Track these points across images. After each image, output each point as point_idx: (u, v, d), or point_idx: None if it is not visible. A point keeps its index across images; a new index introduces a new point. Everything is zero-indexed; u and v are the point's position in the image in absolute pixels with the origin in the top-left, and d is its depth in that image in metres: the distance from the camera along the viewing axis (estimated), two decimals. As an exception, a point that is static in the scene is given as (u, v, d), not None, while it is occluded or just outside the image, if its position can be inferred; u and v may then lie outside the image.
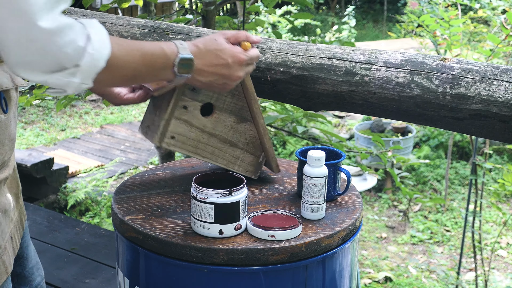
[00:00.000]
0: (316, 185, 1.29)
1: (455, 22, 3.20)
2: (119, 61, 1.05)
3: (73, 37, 0.96)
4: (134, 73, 1.10)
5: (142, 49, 1.10)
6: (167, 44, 1.14)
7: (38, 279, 1.46)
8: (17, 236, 1.29)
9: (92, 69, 1.01)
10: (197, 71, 1.18)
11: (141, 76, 1.13)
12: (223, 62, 1.20)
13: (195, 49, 1.17)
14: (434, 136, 6.84)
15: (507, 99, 1.31)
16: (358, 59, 1.51)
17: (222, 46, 1.20)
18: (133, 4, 6.95)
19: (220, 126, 1.41)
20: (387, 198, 5.90)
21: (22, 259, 1.40)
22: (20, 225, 1.32)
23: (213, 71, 1.19)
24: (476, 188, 3.77)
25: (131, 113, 8.00)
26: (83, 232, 3.32)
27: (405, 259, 4.88)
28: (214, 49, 1.19)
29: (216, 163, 1.43)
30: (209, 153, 1.42)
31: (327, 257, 1.25)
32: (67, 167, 5.39)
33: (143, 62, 1.10)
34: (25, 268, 1.41)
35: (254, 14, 2.92)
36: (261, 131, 1.44)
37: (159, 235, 1.22)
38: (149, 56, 1.11)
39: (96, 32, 1.01)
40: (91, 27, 1.01)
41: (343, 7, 13.42)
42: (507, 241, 5.17)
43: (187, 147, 1.39)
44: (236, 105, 1.42)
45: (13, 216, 1.26)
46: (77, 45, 0.97)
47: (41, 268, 1.49)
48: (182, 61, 1.14)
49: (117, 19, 1.87)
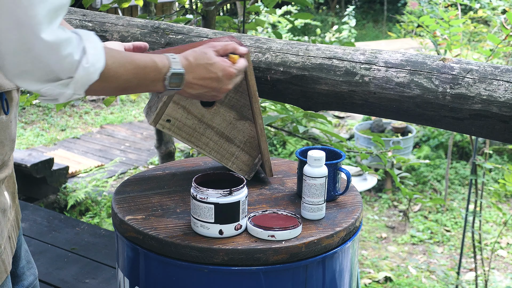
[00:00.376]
0: (316, 185, 1.29)
1: (455, 22, 3.20)
2: (112, 73, 1.08)
3: (70, 51, 0.99)
4: (126, 84, 1.12)
5: (135, 62, 1.12)
6: (160, 57, 1.16)
7: (31, 278, 1.46)
8: (14, 235, 1.29)
9: (85, 81, 1.03)
10: (187, 84, 1.20)
11: (132, 88, 1.15)
12: (213, 76, 1.22)
13: (186, 63, 1.19)
14: (434, 136, 6.84)
15: (507, 99, 1.31)
16: (358, 59, 1.51)
17: (212, 60, 1.21)
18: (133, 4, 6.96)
19: (218, 119, 1.42)
20: (387, 198, 5.90)
21: (16, 258, 1.40)
22: (16, 225, 1.33)
23: (203, 84, 1.21)
24: (476, 188, 3.76)
25: (131, 113, 8.00)
26: (83, 232, 3.32)
27: (405, 259, 4.88)
28: (205, 63, 1.21)
29: (209, 155, 1.44)
30: (203, 143, 1.42)
31: (327, 257, 1.25)
32: (67, 167, 5.39)
33: (135, 74, 1.12)
34: (17, 267, 1.42)
35: (254, 14, 2.92)
36: (259, 132, 1.44)
37: (159, 235, 1.22)
38: (142, 69, 1.13)
39: (92, 45, 1.03)
40: (87, 40, 1.03)
41: (343, 7, 13.42)
42: (507, 241, 5.17)
43: (181, 134, 1.40)
44: (238, 101, 1.42)
45: (10, 216, 1.27)
46: (73, 59, 0.99)
47: (34, 267, 1.49)
48: (173, 75, 1.16)
49: (117, 19, 1.87)
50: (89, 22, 1.87)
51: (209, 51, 1.23)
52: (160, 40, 1.76)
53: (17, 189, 1.35)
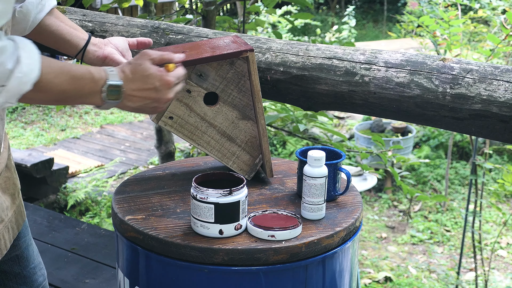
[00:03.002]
0: (316, 185, 1.29)
1: (455, 22, 3.20)
2: (47, 83, 1.06)
3: (3, 60, 0.98)
4: (62, 95, 1.11)
5: (71, 73, 1.10)
6: (97, 70, 1.15)
7: (40, 279, 1.46)
8: (7, 236, 1.28)
9: (18, 91, 1.02)
10: (126, 97, 1.18)
11: (70, 99, 1.14)
12: (150, 86, 1.19)
13: (122, 75, 1.17)
14: (434, 136, 6.84)
15: (507, 99, 1.31)
16: (358, 59, 1.51)
17: (149, 71, 1.19)
18: (133, 4, 6.95)
19: (220, 118, 1.42)
20: (387, 198, 5.90)
21: (22, 259, 1.40)
22: (15, 226, 1.32)
23: (141, 95, 1.19)
24: (476, 188, 3.77)
25: (131, 113, 8.00)
26: (83, 232, 3.32)
27: (405, 259, 4.88)
28: (141, 75, 1.19)
29: (210, 154, 1.44)
30: (205, 142, 1.42)
31: (327, 257, 1.25)
32: (67, 167, 5.39)
33: (71, 86, 1.10)
34: (25, 268, 1.41)
35: (254, 14, 2.92)
36: (261, 132, 1.44)
37: (159, 235, 1.22)
38: (78, 80, 1.11)
39: (27, 55, 1.02)
40: (23, 49, 1.02)
41: (343, 7, 13.42)
42: (507, 241, 5.17)
43: (183, 131, 1.40)
44: (241, 100, 1.42)
45: (5, 217, 1.26)
46: (5, 68, 0.98)
47: (44, 268, 1.49)
48: (110, 87, 1.15)
49: (117, 19, 1.87)
50: (89, 22, 1.88)
51: (144, 62, 1.20)
52: (160, 40, 1.76)
53: (19, 191, 1.34)
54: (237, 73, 1.40)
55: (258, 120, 1.43)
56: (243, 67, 1.40)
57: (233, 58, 1.38)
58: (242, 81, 1.41)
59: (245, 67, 1.40)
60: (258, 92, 1.40)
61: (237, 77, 1.40)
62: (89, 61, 1.45)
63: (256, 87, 1.40)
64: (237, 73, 1.40)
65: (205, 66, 1.38)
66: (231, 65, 1.39)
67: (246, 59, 1.39)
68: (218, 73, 1.39)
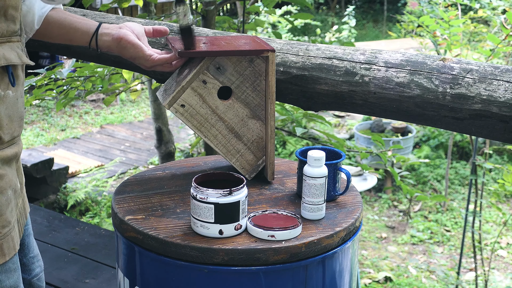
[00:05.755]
0: (316, 185, 1.29)
1: (455, 22, 3.20)
2: None
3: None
4: None
5: None
6: None
7: (38, 269, 1.48)
8: (21, 221, 1.31)
9: None
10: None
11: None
12: None
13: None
14: (434, 136, 6.84)
15: (507, 99, 1.31)
16: (358, 59, 1.51)
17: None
18: (133, 4, 6.95)
19: (231, 114, 1.42)
20: (387, 198, 5.90)
21: (23, 246, 1.41)
22: (24, 213, 1.34)
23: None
24: (476, 188, 3.76)
25: (131, 113, 7.99)
26: (83, 232, 3.32)
27: (405, 259, 4.88)
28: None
29: (215, 148, 1.44)
30: (212, 135, 1.43)
31: (327, 257, 1.25)
32: (67, 167, 5.40)
33: None
34: (25, 256, 1.43)
35: (254, 14, 2.92)
36: (269, 134, 1.45)
37: (159, 235, 1.22)
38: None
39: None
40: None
41: (343, 7, 13.42)
42: (507, 241, 5.17)
43: (193, 121, 1.40)
44: (254, 99, 1.43)
45: (19, 202, 1.28)
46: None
47: (41, 260, 1.51)
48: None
49: (117, 19, 1.87)
50: (89, 22, 1.87)
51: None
52: (160, 40, 1.76)
53: (24, 181, 1.35)
54: (255, 71, 1.41)
55: (268, 121, 1.44)
56: (261, 66, 1.41)
57: (253, 55, 1.40)
58: (258, 80, 1.42)
59: (263, 66, 1.41)
60: (273, 94, 1.41)
61: (254, 76, 1.41)
62: (103, 44, 1.44)
63: (272, 88, 1.40)
64: (255, 72, 1.41)
65: (224, 59, 1.39)
66: (250, 63, 1.40)
67: (266, 59, 1.40)
68: (236, 68, 1.40)
